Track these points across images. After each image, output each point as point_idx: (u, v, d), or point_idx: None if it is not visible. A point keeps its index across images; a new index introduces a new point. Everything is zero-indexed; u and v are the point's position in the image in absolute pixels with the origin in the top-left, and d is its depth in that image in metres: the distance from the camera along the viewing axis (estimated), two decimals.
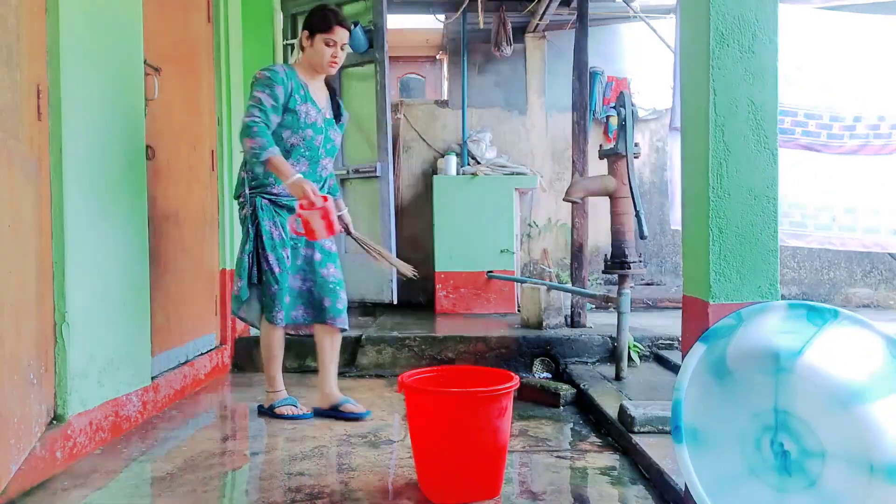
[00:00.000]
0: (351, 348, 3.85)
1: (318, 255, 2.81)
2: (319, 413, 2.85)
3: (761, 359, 1.50)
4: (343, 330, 2.87)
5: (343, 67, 5.04)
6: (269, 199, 2.72)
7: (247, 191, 2.71)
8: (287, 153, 2.66)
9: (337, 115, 2.86)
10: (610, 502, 1.99)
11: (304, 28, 2.74)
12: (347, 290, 2.93)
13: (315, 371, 3.79)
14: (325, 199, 2.52)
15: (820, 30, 3.44)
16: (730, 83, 1.70)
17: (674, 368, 3.41)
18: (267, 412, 2.86)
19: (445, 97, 6.22)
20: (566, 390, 3.11)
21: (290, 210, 2.70)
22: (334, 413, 2.82)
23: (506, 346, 3.78)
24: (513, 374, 2.07)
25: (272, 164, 2.52)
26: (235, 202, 2.87)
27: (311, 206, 2.47)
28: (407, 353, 3.82)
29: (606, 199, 3.41)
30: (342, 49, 2.72)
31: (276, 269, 2.70)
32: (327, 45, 2.69)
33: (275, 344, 2.85)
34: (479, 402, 1.91)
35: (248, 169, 2.72)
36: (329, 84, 2.88)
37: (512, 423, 2.78)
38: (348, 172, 4.95)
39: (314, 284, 2.81)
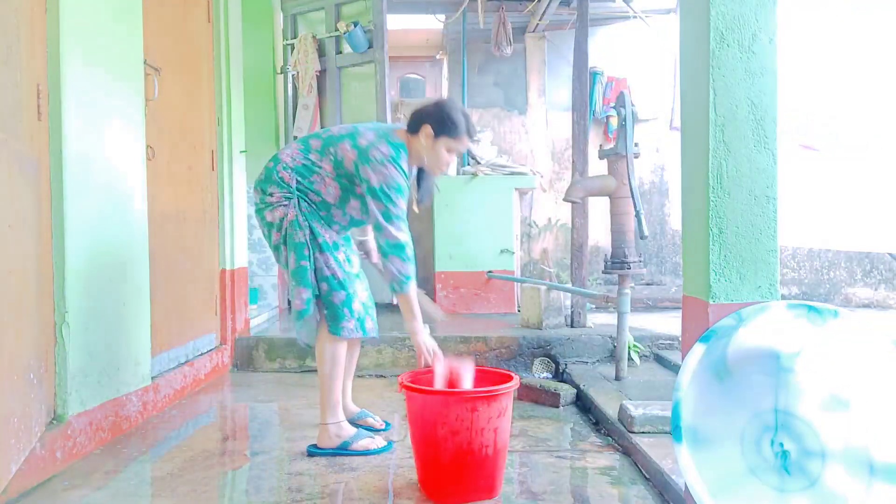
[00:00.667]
0: None
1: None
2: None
3: (761, 359, 1.50)
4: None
5: (343, 67, 5.07)
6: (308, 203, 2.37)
7: (294, 192, 2.35)
8: (349, 222, 2.44)
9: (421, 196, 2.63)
10: (610, 502, 1.99)
11: (428, 123, 2.35)
12: None
13: (314, 370, 3.82)
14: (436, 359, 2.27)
15: (820, 30, 3.44)
16: (730, 83, 1.70)
17: (674, 368, 3.41)
18: (334, 452, 2.35)
19: (445, 97, 6.22)
20: (566, 390, 3.11)
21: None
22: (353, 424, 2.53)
23: (506, 346, 3.78)
24: (512, 373, 2.06)
25: (406, 299, 2.29)
26: (256, 203, 2.46)
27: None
28: (407, 353, 3.82)
29: (606, 199, 3.41)
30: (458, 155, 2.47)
31: (340, 274, 2.36)
32: (449, 151, 2.38)
33: (341, 360, 2.41)
34: (480, 402, 1.90)
35: (290, 169, 2.36)
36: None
37: (512, 423, 2.78)
38: None
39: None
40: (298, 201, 2.34)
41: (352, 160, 2.30)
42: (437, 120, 2.35)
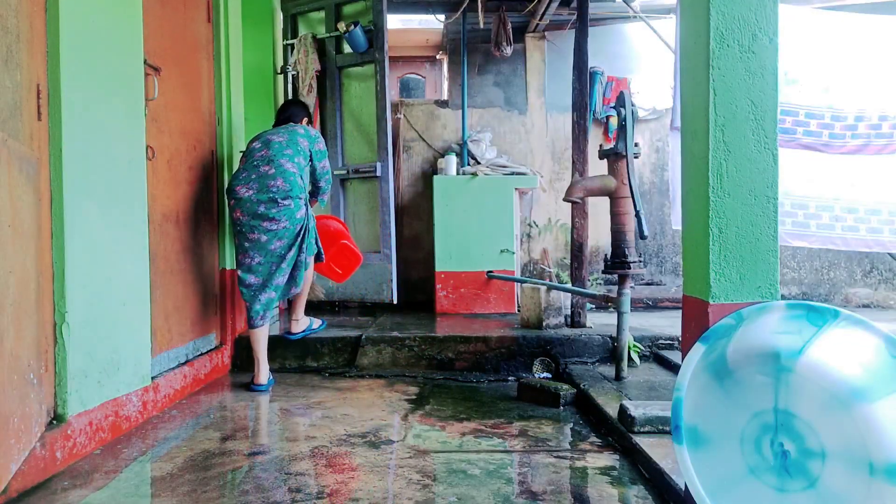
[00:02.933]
0: (351, 348, 3.85)
1: None
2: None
3: (761, 359, 1.50)
4: None
5: (343, 67, 5.07)
6: None
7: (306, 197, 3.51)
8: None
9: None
10: (610, 502, 1.99)
11: (305, 117, 3.81)
12: (348, 290, 3.04)
13: (314, 371, 3.79)
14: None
15: (821, 30, 3.44)
16: (730, 83, 1.70)
17: (674, 368, 3.41)
18: (304, 334, 3.89)
19: (445, 97, 6.22)
20: (566, 390, 3.11)
21: None
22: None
23: (506, 346, 3.78)
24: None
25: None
26: (291, 202, 3.35)
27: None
28: (407, 353, 3.82)
29: (606, 199, 3.41)
30: None
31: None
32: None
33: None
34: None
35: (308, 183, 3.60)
36: None
37: (512, 422, 2.79)
38: (348, 172, 4.95)
39: None
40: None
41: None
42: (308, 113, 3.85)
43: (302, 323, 3.91)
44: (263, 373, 3.43)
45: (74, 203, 2.28)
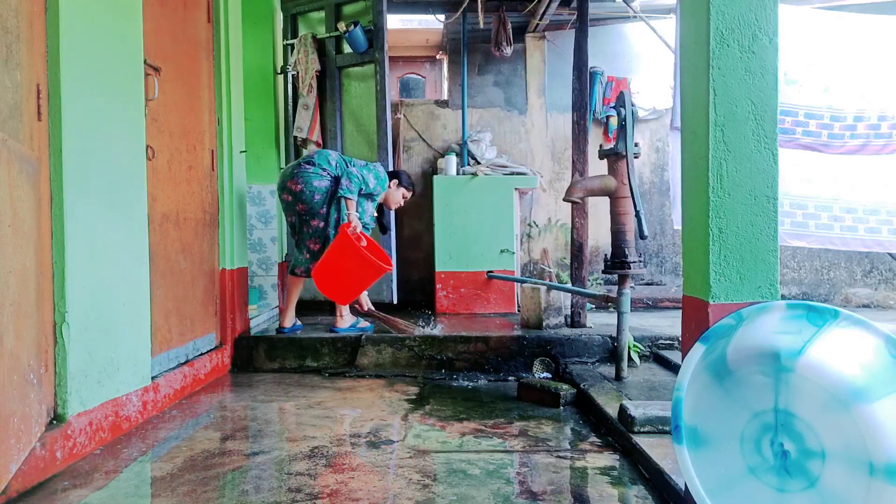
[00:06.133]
0: (351, 348, 3.85)
1: None
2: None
3: (761, 359, 1.50)
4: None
5: (343, 67, 5.07)
6: None
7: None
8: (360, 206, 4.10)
9: (381, 229, 4.48)
10: (610, 502, 1.99)
11: (395, 179, 4.24)
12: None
13: (314, 371, 3.80)
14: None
15: (820, 30, 3.44)
16: (730, 83, 1.70)
17: (674, 368, 3.41)
18: (348, 330, 4.11)
19: (445, 97, 6.22)
20: (566, 390, 3.11)
21: None
22: None
23: (506, 346, 3.78)
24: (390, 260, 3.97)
25: (349, 203, 3.90)
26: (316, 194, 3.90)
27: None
28: (407, 353, 3.82)
29: (606, 199, 3.41)
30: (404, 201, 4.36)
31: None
32: (403, 197, 4.32)
33: None
34: (368, 263, 3.73)
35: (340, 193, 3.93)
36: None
37: (512, 422, 2.79)
38: None
39: None
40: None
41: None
42: (401, 180, 4.27)
43: (347, 320, 4.12)
44: (288, 317, 4.07)
45: (74, 203, 2.28)
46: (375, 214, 4.23)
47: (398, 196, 4.26)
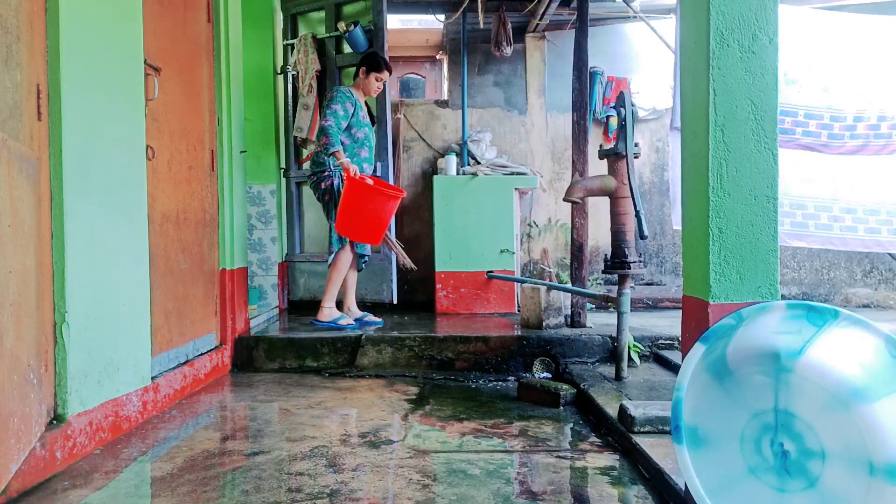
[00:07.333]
0: (351, 348, 3.85)
1: None
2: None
3: (761, 359, 1.50)
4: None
5: (343, 67, 5.07)
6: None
7: (331, 166, 4.09)
8: (355, 142, 4.13)
9: (372, 121, 4.36)
10: (610, 502, 1.99)
11: (361, 66, 4.20)
12: None
13: (314, 371, 3.78)
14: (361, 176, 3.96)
15: (820, 30, 3.44)
16: (730, 83, 1.70)
17: (674, 368, 3.41)
18: (328, 325, 4.15)
19: (445, 97, 6.22)
20: (566, 390, 3.11)
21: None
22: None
23: (506, 346, 3.78)
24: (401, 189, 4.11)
25: (338, 154, 3.94)
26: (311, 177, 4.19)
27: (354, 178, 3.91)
28: (407, 353, 3.82)
29: (606, 199, 3.41)
30: (384, 82, 4.26)
31: None
32: (377, 80, 4.21)
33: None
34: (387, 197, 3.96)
35: (327, 154, 4.01)
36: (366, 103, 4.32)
37: (512, 422, 2.79)
38: None
39: None
40: (338, 172, 4.14)
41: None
42: (366, 64, 4.20)
43: (326, 313, 4.16)
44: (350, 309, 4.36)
45: (74, 203, 2.28)
46: (366, 154, 4.21)
47: (373, 83, 4.19)
